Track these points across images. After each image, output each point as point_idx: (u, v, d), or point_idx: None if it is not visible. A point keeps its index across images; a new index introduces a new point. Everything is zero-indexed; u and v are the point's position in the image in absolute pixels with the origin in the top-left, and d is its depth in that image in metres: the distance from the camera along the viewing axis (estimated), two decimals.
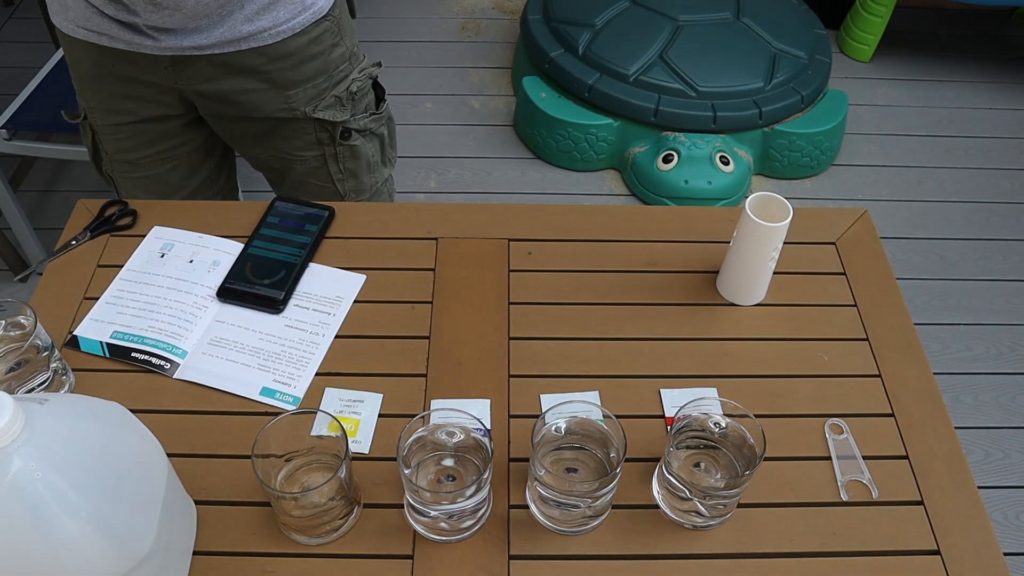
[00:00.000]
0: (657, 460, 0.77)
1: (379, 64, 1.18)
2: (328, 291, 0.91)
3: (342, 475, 0.68)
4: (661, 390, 0.83)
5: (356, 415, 0.81)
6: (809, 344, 0.88)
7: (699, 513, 0.72)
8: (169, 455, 0.67)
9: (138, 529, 0.60)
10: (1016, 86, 2.65)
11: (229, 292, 0.90)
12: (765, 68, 2.15)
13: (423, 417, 0.71)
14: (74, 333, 0.87)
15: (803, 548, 0.73)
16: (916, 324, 0.90)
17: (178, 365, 0.84)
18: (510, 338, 0.88)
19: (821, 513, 0.75)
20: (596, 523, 0.74)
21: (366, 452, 0.78)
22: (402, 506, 0.74)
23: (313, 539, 0.72)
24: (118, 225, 0.97)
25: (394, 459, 0.77)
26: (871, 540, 0.74)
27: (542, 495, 0.71)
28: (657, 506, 0.75)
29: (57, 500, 0.54)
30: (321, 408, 0.80)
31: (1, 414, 0.52)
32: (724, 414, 0.75)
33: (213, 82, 1.05)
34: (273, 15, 1.00)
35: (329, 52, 1.08)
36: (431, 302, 0.91)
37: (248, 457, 0.67)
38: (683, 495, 0.72)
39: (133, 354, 0.85)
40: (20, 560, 0.55)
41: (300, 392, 0.83)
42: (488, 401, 0.82)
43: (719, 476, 0.74)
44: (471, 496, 0.69)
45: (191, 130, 1.16)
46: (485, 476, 0.69)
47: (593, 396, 0.83)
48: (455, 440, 0.73)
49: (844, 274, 0.95)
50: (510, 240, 0.97)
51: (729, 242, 0.89)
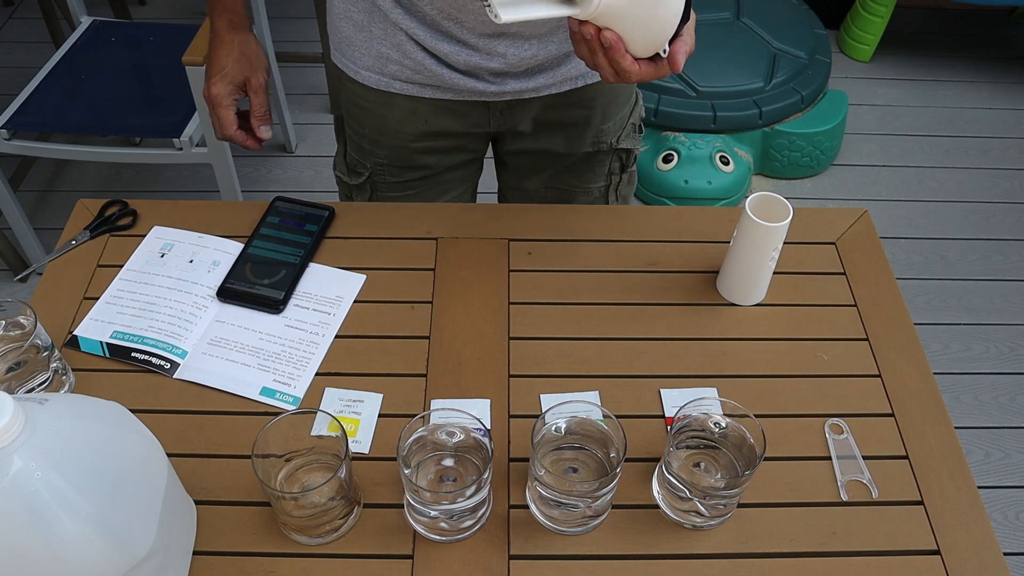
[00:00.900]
0: (657, 460, 0.77)
1: None
2: (328, 291, 0.91)
3: (342, 475, 0.68)
4: (661, 390, 0.83)
5: (356, 415, 0.81)
6: (809, 344, 0.88)
7: (699, 513, 0.72)
8: (169, 455, 0.67)
9: (138, 529, 0.60)
10: (1016, 86, 2.65)
11: (229, 292, 0.90)
12: (765, 68, 2.15)
13: (423, 417, 0.71)
14: (74, 333, 0.87)
15: (803, 548, 0.73)
16: (916, 324, 0.90)
17: (178, 365, 0.84)
18: (510, 338, 0.88)
19: (821, 513, 0.75)
20: (596, 523, 0.74)
21: (366, 452, 0.78)
22: (402, 506, 0.74)
23: (313, 539, 0.72)
24: (118, 225, 0.97)
25: (394, 459, 0.77)
26: (871, 540, 0.74)
27: (542, 495, 0.71)
28: (657, 506, 0.75)
29: (57, 500, 0.54)
30: (321, 408, 0.80)
31: (1, 414, 0.53)
32: (724, 414, 0.75)
33: (540, 123, 1.00)
34: None
35: None
36: (431, 302, 0.91)
37: (248, 457, 0.67)
38: (683, 495, 0.72)
39: (133, 354, 0.85)
40: (20, 560, 0.55)
41: (300, 392, 0.83)
42: (488, 401, 0.82)
43: (719, 476, 0.74)
44: (471, 496, 0.69)
45: (474, 164, 1.11)
46: (485, 476, 0.69)
47: (593, 396, 0.83)
48: (455, 440, 0.73)
49: (844, 274, 0.95)
50: (510, 240, 0.97)
51: (729, 242, 0.89)
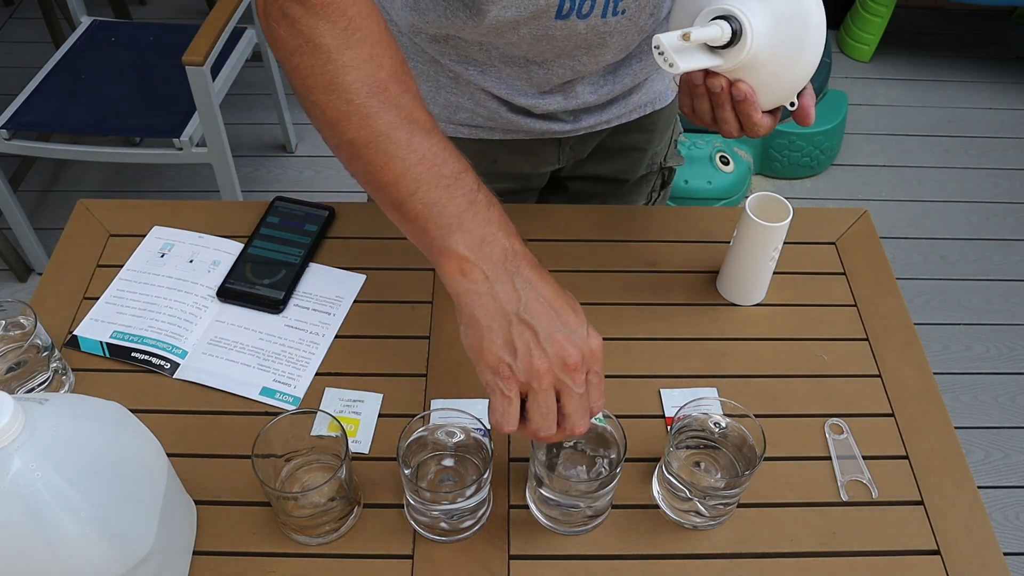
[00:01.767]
0: (657, 460, 0.77)
1: None
2: (328, 291, 0.91)
3: (342, 475, 0.68)
4: (661, 390, 0.83)
5: (356, 415, 0.81)
6: (809, 344, 0.88)
7: (699, 513, 0.72)
8: (169, 455, 0.67)
9: (138, 529, 0.60)
10: (1016, 86, 2.65)
11: (229, 292, 0.90)
12: None
13: (423, 417, 0.71)
14: (74, 333, 0.87)
15: (803, 548, 0.73)
16: (916, 324, 0.90)
17: (178, 365, 0.84)
18: None
19: (821, 513, 0.75)
20: (596, 523, 0.74)
21: (366, 452, 0.78)
22: (402, 506, 0.74)
23: (313, 539, 0.72)
24: None
25: (394, 459, 0.77)
26: (871, 540, 0.74)
27: (542, 495, 0.71)
28: (657, 506, 0.75)
29: (57, 500, 0.54)
30: (321, 408, 0.80)
31: (1, 414, 0.52)
32: (724, 414, 0.75)
33: (603, 148, 0.99)
34: None
35: None
36: (431, 302, 0.91)
37: (248, 457, 0.67)
38: (683, 495, 0.72)
39: (133, 354, 0.85)
40: (20, 560, 0.55)
41: (300, 392, 0.83)
42: (488, 401, 0.82)
43: (719, 476, 0.74)
44: (471, 496, 0.69)
45: (532, 197, 1.08)
46: (485, 476, 0.69)
47: None
48: (455, 440, 0.73)
49: (844, 274, 0.95)
50: None
51: (729, 242, 0.89)
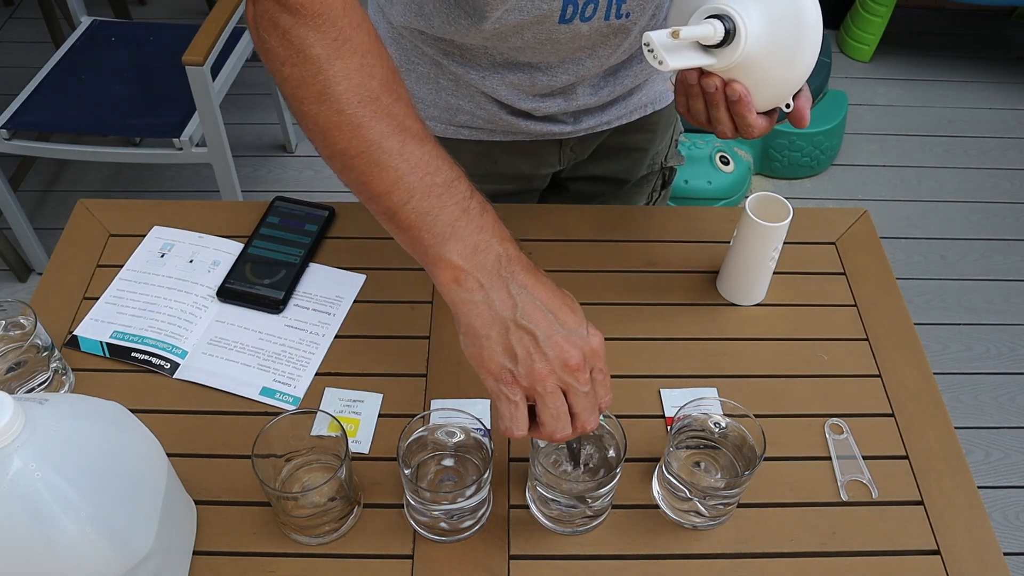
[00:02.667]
0: (657, 460, 0.77)
1: None
2: (328, 291, 0.91)
3: (342, 475, 0.68)
4: (661, 390, 0.83)
5: (356, 415, 0.81)
6: (809, 344, 0.88)
7: (699, 513, 0.72)
8: (169, 455, 0.67)
9: (138, 529, 0.60)
10: (1016, 86, 2.65)
11: (229, 292, 0.90)
12: None
13: (423, 417, 0.71)
14: (74, 333, 0.87)
15: (803, 548, 0.73)
16: (916, 324, 0.90)
17: (178, 365, 0.84)
18: None
19: (821, 513, 0.75)
20: (596, 523, 0.74)
21: (366, 452, 0.78)
22: (402, 506, 0.74)
23: (313, 539, 0.72)
24: None
25: (394, 459, 0.77)
26: (871, 540, 0.74)
27: (542, 495, 0.71)
28: (657, 506, 0.75)
29: (57, 500, 0.54)
30: (321, 408, 0.80)
31: (1, 414, 0.52)
32: (724, 414, 0.75)
33: (604, 149, 0.99)
34: None
35: None
36: (431, 302, 0.91)
37: (248, 457, 0.67)
38: (683, 495, 0.72)
39: (133, 354, 0.85)
40: (20, 560, 0.55)
41: (300, 392, 0.83)
42: (488, 401, 0.82)
43: (719, 476, 0.74)
44: (471, 496, 0.69)
45: (533, 197, 1.08)
46: (485, 476, 0.69)
47: None
48: (455, 440, 0.73)
49: (844, 274, 0.95)
50: None
51: (729, 242, 0.89)
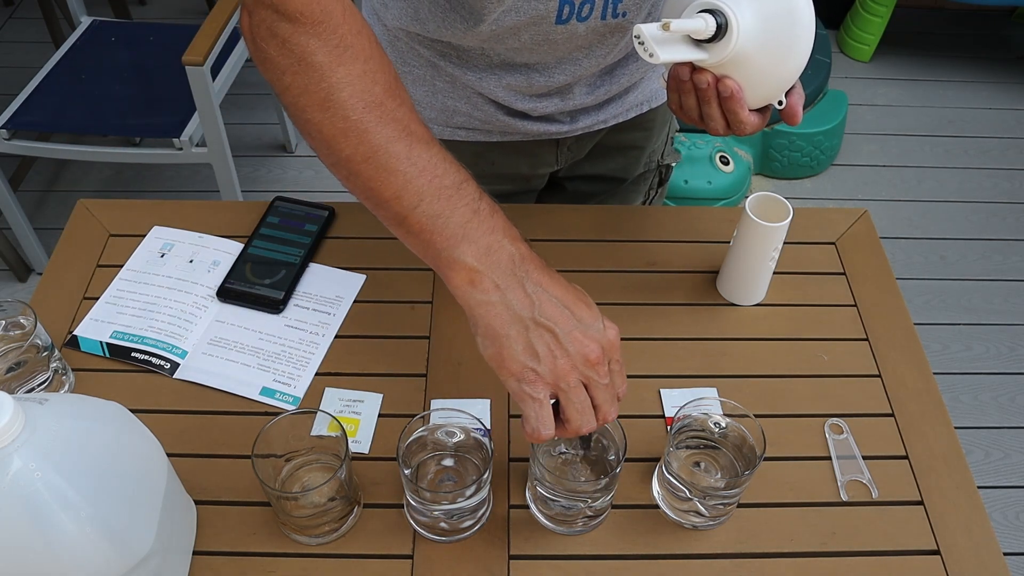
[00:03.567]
0: (657, 460, 0.77)
1: None
2: (328, 291, 0.91)
3: (342, 475, 0.68)
4: (661, 390, 0.83)
5: (356, 415, 0.81)
6: (809, 344, 0.88)
7: (699, 513, 0.72)
8: (169, 455, 0.67)
9: (138, 529, 0.60)
10: (1016, 86, 2.65)
11: (229, 292, 0.90)
12: None
13: (423, 417, 0.71)
14: (74, 333, 0.87)
15: (803, 548, 0.73)
16: (916, 324, 0.90)
17: (178, 365, 0.84)
18: None
19: (821, 513, 0.75)
20: (596, 523, 0.74)
21: (366, 452, 0.78)
22: (402, 506, 0.74)
23: (313, 539, 0.72)
24: None
25: (394, 459, 0.77)
26: (871, 540, 0.74)
27: (542, 495, 0.71)
28: (657, 506, 0.75)
29: (57, 500, 0.54)
30: (321, 408, 0.80)
31: (1, 414, 0.52)
32: (724, 414, 0.75)
33: (601, 147, 0.99)
34: None
35: None
36: (431, 302, 0.91)
37: (248, 457, 0.67)
38: (683, 495, 0.72)
39: (133, 354, 0.85)
40: (20, 560, 0.55)
41: (300, 392, 0.83)
42: (488, 401, 0.82)
43: (719, 476, 0.74)
44: (471, 496, 0.69)
45: (531, 197, 1.08)
46: (485, 476, 0.69)
47: None
48: (455, 440, 0.73)
49: (844, 274, 0.95)
50: None
51: (729, 242, 0.89)
